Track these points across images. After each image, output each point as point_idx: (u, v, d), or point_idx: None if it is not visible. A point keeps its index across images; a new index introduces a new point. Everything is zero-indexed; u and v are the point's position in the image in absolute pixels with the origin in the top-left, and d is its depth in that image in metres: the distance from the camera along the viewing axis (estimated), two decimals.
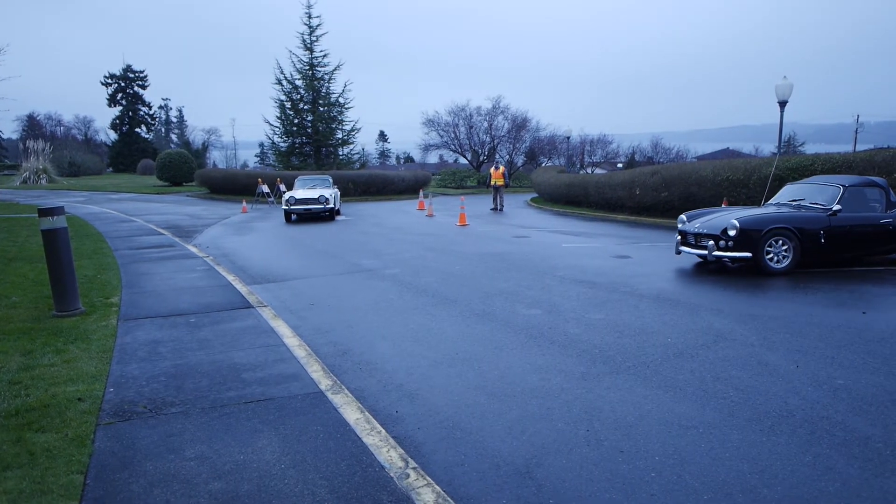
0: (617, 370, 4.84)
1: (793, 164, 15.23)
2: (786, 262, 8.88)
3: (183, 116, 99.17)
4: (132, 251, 12.14)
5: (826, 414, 3.90)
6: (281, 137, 43.54)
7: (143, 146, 72.38)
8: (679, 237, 10.05)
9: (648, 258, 10.98)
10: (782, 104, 18.28)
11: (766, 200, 10.76)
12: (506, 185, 25.46)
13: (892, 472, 3.14)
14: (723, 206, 14.77)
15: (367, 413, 4.05)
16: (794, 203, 9.74)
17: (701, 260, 10.04)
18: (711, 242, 9.09)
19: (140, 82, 74.54)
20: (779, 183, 15.15)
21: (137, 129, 74.60)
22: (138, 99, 74.49)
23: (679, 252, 10.06)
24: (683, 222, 10.05)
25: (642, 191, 20.00)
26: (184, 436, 3.71)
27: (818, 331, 5.83)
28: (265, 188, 28.27)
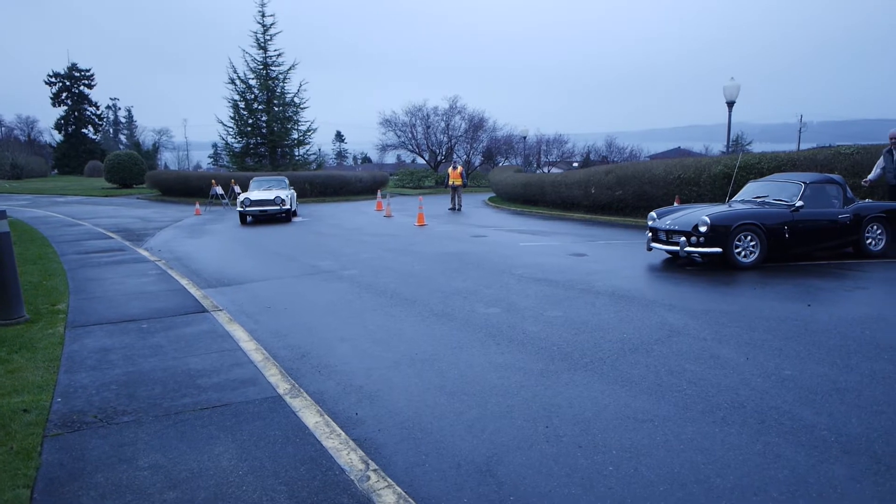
0: (575, 366, 4.91)
1: (741, 162, 15.69)
2: (753, 257, 9.20)
3: (132, 117, 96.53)
4: (80, 256, 11.76)
5: (775, 404, 4.03)
6: (235, 138, 42.75)
7: (91, 147, 70.10)
8: (650, 234, 10.27)
9: (604, 256, 11.17)
10: (730, 104, 18.83)
11: (731, 197, 11.10)
12: (463, 185, 25.55)
13: (836, 459, 3.27)
14: (675, 203, 15.13)
15: (326, 416, 4.01)
16: (759, 200, 10.10)
17: (670, 256, 10.31)
18: (683, 239, 9.34)
19: (86, 81, 72.18)
20: (726, 181, 15.60)
21: (84, 130, 72.22)
22: (84, 99, 72.11)
23: (650, 248, 10.28)
24: (654, 219, 10.27)
25: (597, 190, 20.33)
26: (137, 445, 3.61)
27: (767, 324, 6.02)
28: (219, 190, 27.72)
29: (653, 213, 10.43)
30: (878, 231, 9.95)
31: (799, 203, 9.44)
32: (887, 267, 9.12)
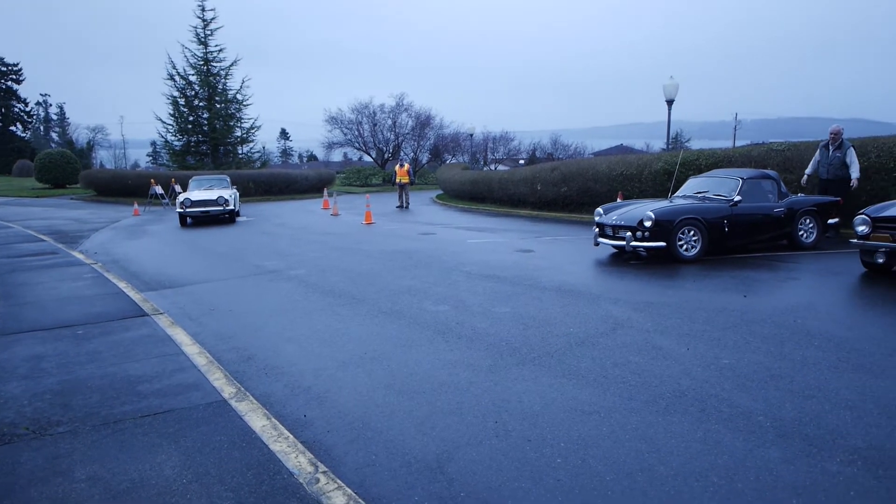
0: (523, 361, 4.97)
1: (680, 158, 16.17)
2: (695, 251, 9.51)
3: (64, 114, 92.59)
4: (9, 259, 11.20)
5: (714, 392, 4.17)
6: (175, 136, 41.49)
7: (20, 146, 66.80)
8: (597, 229, 10.49)
9: (551, 252, 11.34)
10: (669, 103, 19.37)
11: (673, 193, 11.44)
12: (411, 183, 25.52)
13: (772, 443, 3.41)
14: (618, 199, 15.50)
15: (273, 419, 3.94)
16: (699, 195, 10.44)
17: (616, 251, 10.54)
18: (629, 234, 9.56)
19: (14, 76, 68.71)
20: (667, 177, 16.05)
21: (12, 128, 68.79)
22: (12, 94, 68.63)
23: (597, 244, 10.51)
24: (600, 215, 10.48)
25: (543, 186, 20.61)
26: (73, 456, 3.46)
27: (705, 314, 6.22)
28: (158, 189, 26.84)
29: (599, 209, 10.65)
30: (810, 224, 10.44)
31: (737, 198, 9.80)
32: (817, 258, 9.56)
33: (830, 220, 10.48)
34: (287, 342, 5.80)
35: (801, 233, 10.35)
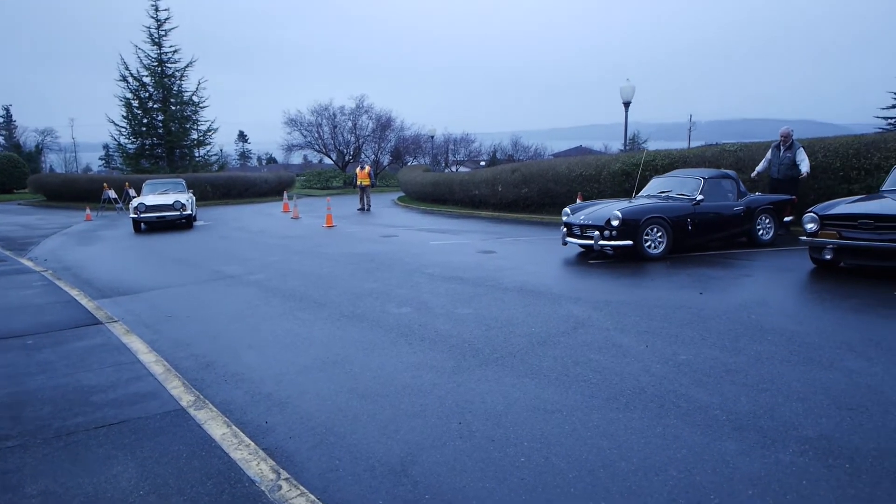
0: (486, 362, 4.99)
1: (636, 159, 16.47)
2: (660, 248, 9.72)
3: (11, 116, 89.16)
4: None
5: (672, 388, 4.26)
6: (129, 138, 40.52)
7: None
8: (564, 229, 10.64)
9: (512, 252, 11.42)
10: (626, 104, 19.73)
11: (637, 192, 11.66)
12: (372, 185, 25.40)
13: (728, 436, 3.50)
14: (578, 200, 15.69)
15: (234, 427, 3.87)
16: (663, 194, 10.68)
17: (583, 250, 10.71)
18: (597, 233, 9.71)
19: None
20: (624, 177, 16.34)
21: None
22: None
23: (565, 243, 10.67)
24: (568, 215, 10.63)
25: (504, 188, 20.76)
26: (23, 471, 3.34)
27: (663, 312, 6.35)
28: (112, 194, 26.15)
29: (567, 209, 10.81)
30: (768, 222, 10.80)
31: (699, 197, 10.09)
32: (769, 255, 9.85)
33: (787, 218, 10.85)
34: (247, 348, 5.70)
35: (759, 230, 10.69)
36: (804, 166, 11.41)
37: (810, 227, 7.95)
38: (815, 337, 5.27)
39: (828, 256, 7.85)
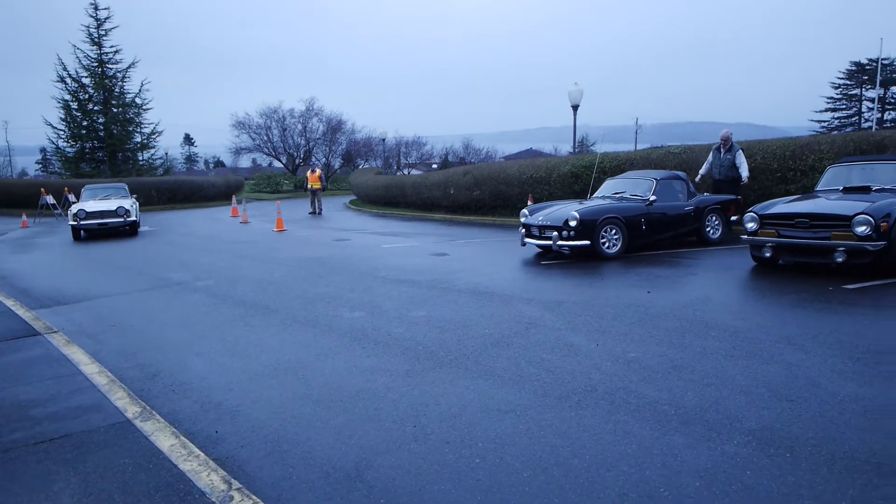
0: (440, 364, 5.00)
1: (586, 162, 16.79)
2: (616, 248, 9.95)
3: None
4: None
5: (622, 385, 4.35)
6: (67, 142, 39.04)
7: None
8: (523, 230, 10.76)
9: (465, 255, 11.47)
10: (575, 108, 20.06)
11: (592, 194, 11.88)
12: (323, 189, 25.16)
13: (676, 430, 3.59)
14: (529, 202, 15.89)
15: (182, 437, 3.77)
16: (617, 195, 10.93)
17: (541, 250, 10.83)
18: (555, 233, 9.86)
19: None
20: (574, 179, 16.62)
21: None
22: None
23: (524, 244, 10.81)
24: (526, 216, 10.79)
25: (456, 190, 20.84)
26: None
27: (613, 311, 6.48)
28: (50, 199, 25.14)
29: (525, 211, 10.98)
30: (716, 221, 11.20)
31: (652, 197, 10.38)
32: (714, 254, 10.17)
33: (733, 218, 11.25)
34: (196, 356, 5.56)
35: (708, 229, 11.07)
36: (743, 171, 11.84)
37: (751, 226, 8.24)
38: (756, 332, 5.47)
39: (767, 254, 8.15)
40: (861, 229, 7.12)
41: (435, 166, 56.90)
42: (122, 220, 17.17)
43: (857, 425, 3.52)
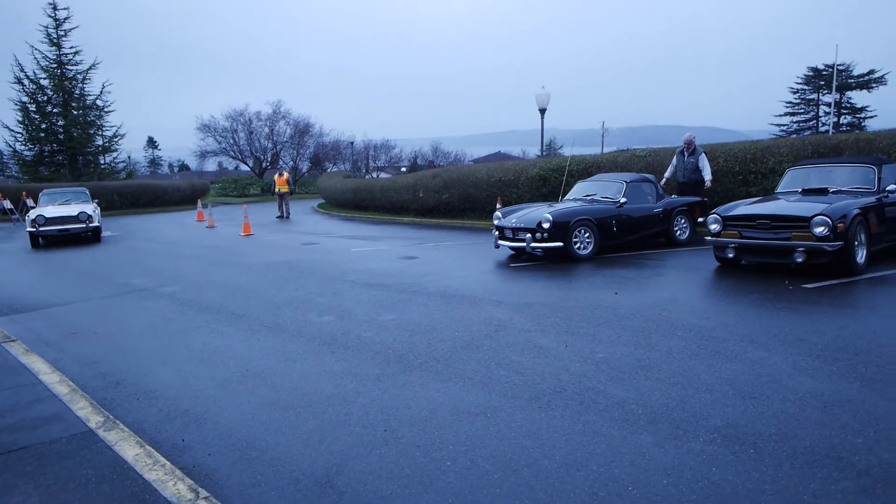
0: (410, 368, 4.99)
1: (553, 165, 16.94)
2: (588, 249, 10.08)
3: None
4: None
5: (591, 385, 4.40)
6: (25, 145, 37.98)
7: None
8: (496, 232, 10.82)
9: (434, 258, 11.48)
10: (542, 111, 20.24)
11: (563, 196, 12.00)
12: (291, 192, 24.94)
13: (644, 429, 3.65)
14: (498, 204, 15.97)
15: (148, 447, 3.69)
16: (588, 198, 11.07)
17: (514, 252, 10.92)
18: (529, 235, 9.96)
19: None
20: (541, 182, 16.76)
21: None
22: None
23: (497, 246, 10.88)
24: (499, 218, 10.87)
25: (425, 193, 20.85)
26: None
27: (581, 312, 6.55)
28: (7, 204, 24.44)
29: (498, 213, 11.08)
30: (684, 222, 11.44)
31: (623, 200, 10.57)
32: (679, 255, 10.35)
33: (700, 219, 11.49)
34: (161, 364, 5.46)
35: (676, 230, 11.29)
36: (706, 174, 12.10)
37: (714, 227, 8.41)
38: (720, 331, 5.58)
39: (730, 255, 8.33)
40: (819, 230, 7.32)
41: (404, 169, 56.85)
42: (84, 225, 16.48)
43: (817, 420, 3.61)
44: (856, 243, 7.58)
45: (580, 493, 2.97)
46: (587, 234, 10.08)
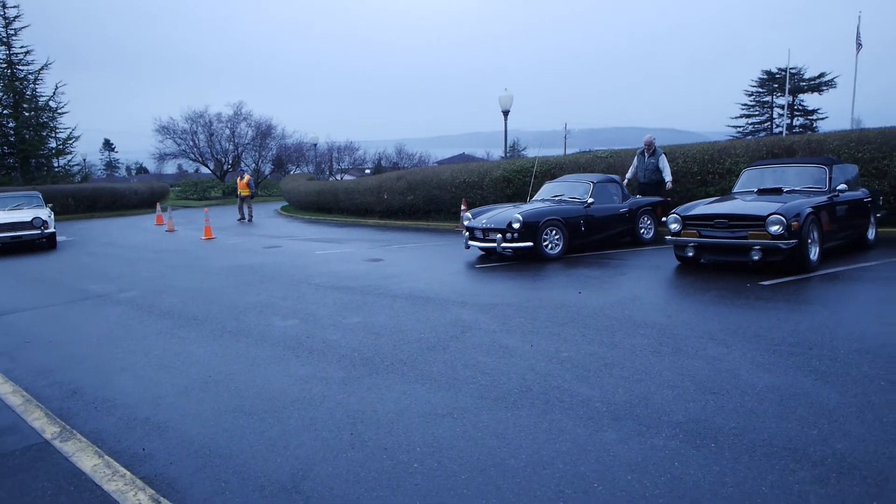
0: (376, 370, 4.97)
1: (517, 166, 17.07)
2: (558, 249, 10.21)
3: None
4: None
5: (556, 384, 4.44)
6: None
7: None
8: (467, 233, 10.88)
9: (400, 259, 11.45)
10: (505, 113, 20.38)
11: (531, 197, 12.10)
12: (252, 195, 24.61)
13: (608, 426, 3.70)
14: (462, 206, 16.02)
15: (107, 457, 3.60)
16: (556, 198, 11.19)
17: (484, 252, 10.99)
18: (499, 236, 10.01)
19: None
20: (506, 183, 16.87)
21: None
22: None
23: (468, 247, 10.97)
24: (469, 219, 10.95)
25: (390, 195, 20.79)
26: None
27: (546, 312, 6.61)
28: None
29: (468, 214, 11.17)
30: (649, 222, 11.68)
31: (590, 200, 10.75)
32: (641, 255, 10.54)
33: (663, 219, 11.73)
34: (120, 371, 5.32)
35: (641, 230, 11.52)
36: (666, 174, 12.36)
37: (674, 227, 8.59)
38: (681, 328, 5.70)
39: (690, 253, 8.51)
40: (774, 228, 7.53)
41: (368, 171, 56.62)
42: (38, 231, 15.59)
43: (774, 414, 3.72)
44: (809, 241, 7.82)
45: (547, 492, 3.00)
46: (556, 234, 10.20)
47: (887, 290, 7.03)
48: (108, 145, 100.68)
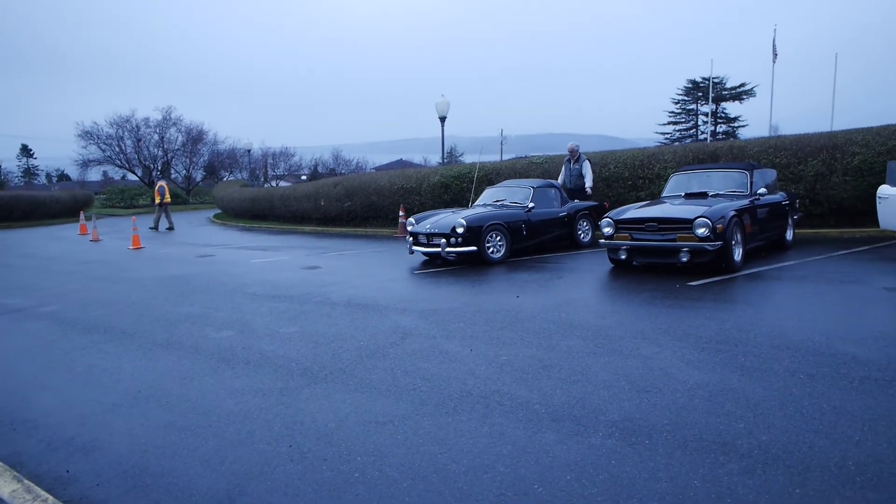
0: (315, 380, 4.88)
1: (455, 172, 17.18)
2: (501, 253, 10.32)
3: None
4: None
5: (496, 388, 4.48)
6: None
7: None
8: (410, 238, 10.87)
9: (338, 267, 11.32)
10: (442, 119, 20.48)
11: (474, 202, 12.17)
12: (161, 202, 23.39)
13: (547, 427, 3.75)
14: (401, 212, 16.00)
15: (26, 481, 3.40)
16: (498, 203, 11.30)
17: (427, 258, 11.03)
18: (443, 240, 10.05)
19: None
20: (443, 189, 16.95)
21: None
22: None
23: (412, 252, 10.95)
24: (413, 224, 10.93)
25: (327, 202, 20.55)
26: None
27: (485, 317, 6.67)
28: None
29: (411, 219, 11.18)
30: (586, 225, 11.99)
31: (531, 204, 10.97)
32: (576, 258, 10.77)
33: (600, 222, 12.06)
34: (41, 390, 5.04)
35: (580, 233, 11.81)
36: (588, 180, 12.73)
37: (607, 230, 8.83)
38: (615, 329, 5.86)
39: (623, 256, 8.77)
40: (701, 231, 7.85)
41: (304, 178, 55.77)
42: None
43: (704, 409, 3.86)
44: (733, 242, 8.19)
45: (488, 496, 3.01)
46: (499, 238, 10.33)
47: (805, 288, 7.44)
48: (26, 151, 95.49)
